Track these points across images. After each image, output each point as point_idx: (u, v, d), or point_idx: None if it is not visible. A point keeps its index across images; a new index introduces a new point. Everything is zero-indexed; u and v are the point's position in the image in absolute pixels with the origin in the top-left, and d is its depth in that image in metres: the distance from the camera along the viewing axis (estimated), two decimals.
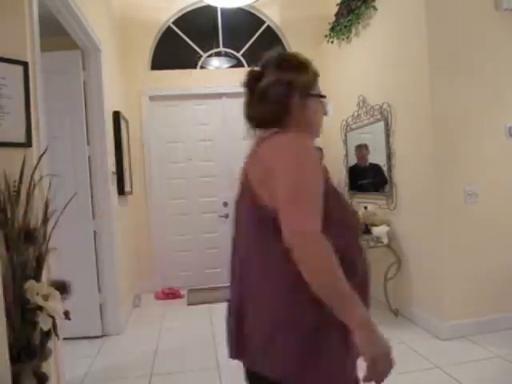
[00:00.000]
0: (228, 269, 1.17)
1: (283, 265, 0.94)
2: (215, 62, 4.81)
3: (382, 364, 0.89)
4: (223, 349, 3.02)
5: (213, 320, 3.54)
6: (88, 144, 3.19)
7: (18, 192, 1.63)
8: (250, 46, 4.82)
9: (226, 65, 4.81)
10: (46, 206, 1.74)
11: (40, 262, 1.64)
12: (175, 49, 4.73)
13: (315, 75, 1.18)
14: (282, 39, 4.86)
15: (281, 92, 1.09)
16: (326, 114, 1.24)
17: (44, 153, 1.96)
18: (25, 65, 1.88)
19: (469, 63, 2.83)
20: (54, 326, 1.56)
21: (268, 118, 1.13)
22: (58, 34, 2.86)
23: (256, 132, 1.22)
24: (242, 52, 4.82)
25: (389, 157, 3.37)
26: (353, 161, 4.14)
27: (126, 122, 4.16)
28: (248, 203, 1.05)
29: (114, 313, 3.28)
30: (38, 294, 1.52)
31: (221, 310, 4.27)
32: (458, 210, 2.83)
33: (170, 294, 4.29)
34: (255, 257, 1.03)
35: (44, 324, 1.51)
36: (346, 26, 3.93)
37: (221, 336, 3.17)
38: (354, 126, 4.02)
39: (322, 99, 1.21)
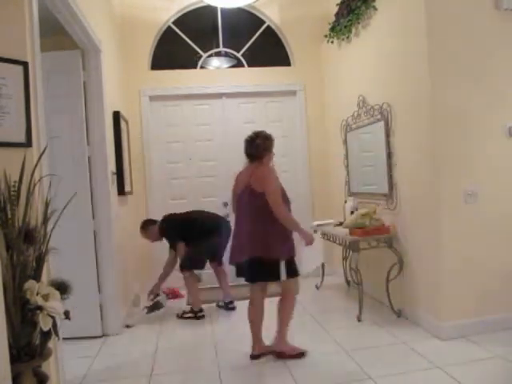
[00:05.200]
0: (235, 223, 2.77)
1: (270, 216, 2.52)
2: (215, 61, 4.81)
3: (310, 237, 2.73)
4: (223, 349, 3.02)
5: (212, 320, 3.54)
6: (88, 144, 3.19)
7: (18, 192, 1.63)
8: (250, 46, 4.82)
9: (226, 65, 4.81)
10: (46, 206, 1.74)
11: (40, 262, 1.64)
12: (175, 49, 4.73)
13: (273, 142, 2.74)
14: (282, 39, 4.86)
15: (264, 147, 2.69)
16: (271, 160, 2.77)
17: (44, 153, 1.96)
18: (25, 65, 1.88)
19: (469, 63, 2.83)
20: (54, 325, 1.56)
21: (257, 157, 2.68)
22: (58, 33, 2.86)
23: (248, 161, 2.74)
24: (242, 52, 4.82)
25: (389, 157, 3.37)
26: (353, 160, 4.14)
27: (126, 122, 4.16)
28: (250, 192, 2.59)
29: (113, 313, 3.28)
30: (38, 294, 1.52)
31: (220, 310, 4.27)
32: (458, 210, 2.83)
33: (170, 294, 4.29)
34: (259, 214, 2.56)
35: (44, 324, 1.51)
36: (346, 26, 3.93)
37: (221, 336, 3.18)
38: (354, 126, 4.02)
39: (273, 154, 2.76)
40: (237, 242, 2.70)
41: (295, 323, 3.34)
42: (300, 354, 2.67)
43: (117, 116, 3.69)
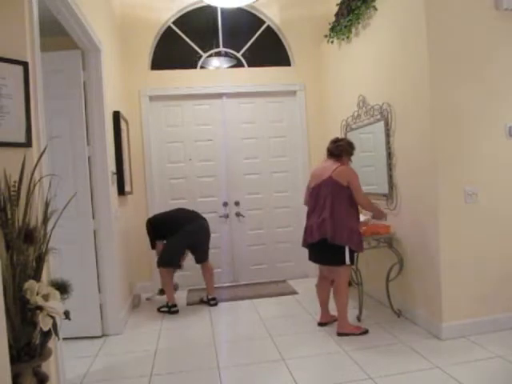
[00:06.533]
0: (309, 211, 3.13)
1: (351, 206, 2.96)
2: (215, 61, 4.81)
3: (382, 214, 3.17)
4: (223, 349, 3.02)
5: (212, 320, 3.54)
6: (88, 144, 3.19)
7: (18, 192, 1.63)
8: (250, 46, 4.82)
9: (226, 65, 4.81)
10: (46, 206, 1.74)
11: (40, 262, 1.64)
12: (175, 49, 4.73)
13: (353, 150, 3.18)
14: (282, 39, 4.86)
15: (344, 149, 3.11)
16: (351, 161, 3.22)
17: (44, 153, 1.96)
18: (25, 65, 1.88)
19: (469, 63, 2.83)
20: (54, 325, 1.56)
21: (335, 155, 3.09)
22: (58, 34, 2.86)
23: (328, 158, 3.15)
24: (241, 52, 4.82)
25: (389, 157, 3.37)
26: (353, 161, 4.13)
27: (126, 122, 4.16)
28: (334, 184, 2.94)
29: (114, 313, 3.28)
30: (38, 294, 1.52)
31: (220, 310, 4.27)
32: (458, 210, 2.83)
33: None
34: (339, 203, 2.92)
35: (44, 324, 1.51)
36: (346, 26, 3.93)
37: (221, 336, 3.18)
38: (354, 126, 4.03)
39: (351, 160, 3.20)
40: (308, 226, 3.09)
41: (295, 323, 3.35)
42: (364, 332, 3.00)
43: (117, 116, 3.69)
